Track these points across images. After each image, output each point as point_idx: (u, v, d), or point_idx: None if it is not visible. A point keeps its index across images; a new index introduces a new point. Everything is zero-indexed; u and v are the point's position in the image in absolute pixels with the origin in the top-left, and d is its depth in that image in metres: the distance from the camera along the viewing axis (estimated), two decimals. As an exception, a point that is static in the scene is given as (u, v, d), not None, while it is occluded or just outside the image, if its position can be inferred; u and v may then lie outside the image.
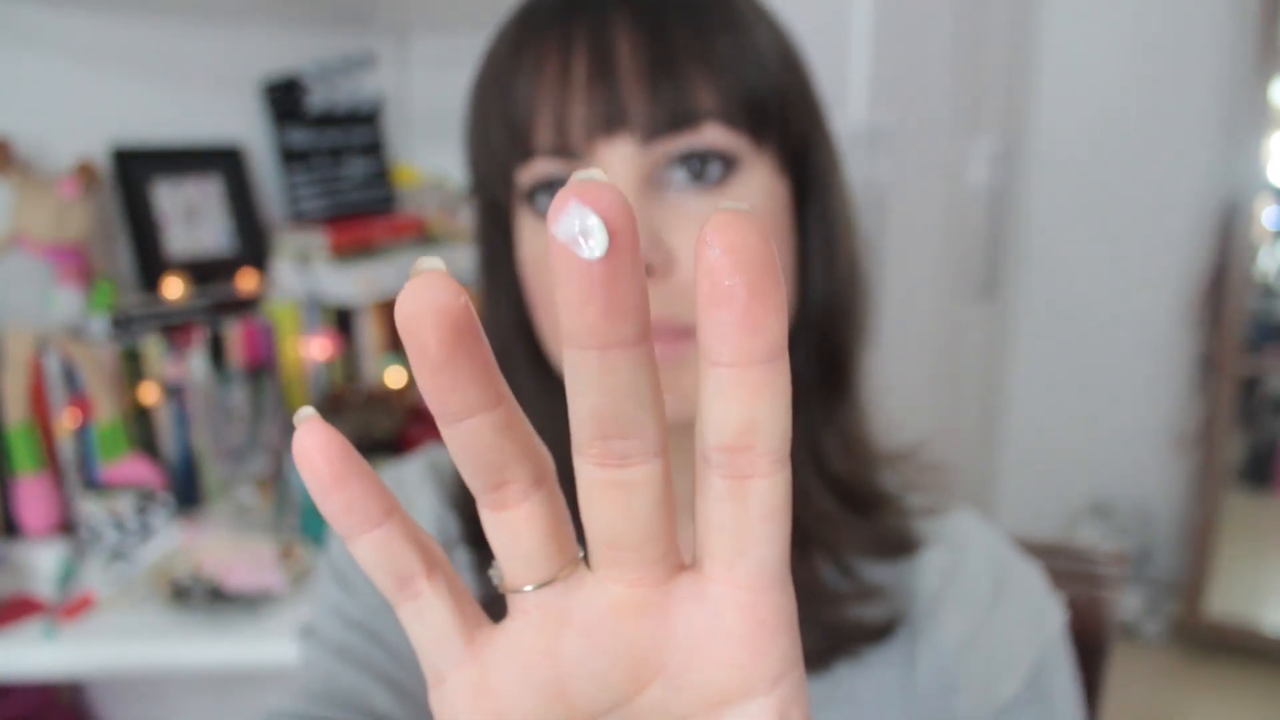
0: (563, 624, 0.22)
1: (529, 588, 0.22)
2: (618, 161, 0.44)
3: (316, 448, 0.20)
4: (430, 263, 0.18)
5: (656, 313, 0.44)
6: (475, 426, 0.19)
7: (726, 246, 0.17)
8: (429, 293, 0.18)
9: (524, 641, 0.22)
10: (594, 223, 0.17)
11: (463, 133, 0.52)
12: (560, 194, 0.17)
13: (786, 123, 0.48)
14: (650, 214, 0.45)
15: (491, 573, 0.23)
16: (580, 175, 0.17)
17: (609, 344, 0.18)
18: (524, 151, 0.46)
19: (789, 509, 0.20)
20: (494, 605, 0.25)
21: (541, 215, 0.47)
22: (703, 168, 0.45)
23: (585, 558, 0.23)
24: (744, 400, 0.18)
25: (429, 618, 0.23)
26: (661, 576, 0.22)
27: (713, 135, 0.45)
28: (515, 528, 0.22)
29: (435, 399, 0.19)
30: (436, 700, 0.23)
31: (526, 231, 0.48)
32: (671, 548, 0.22)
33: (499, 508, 0.21)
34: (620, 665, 0.22)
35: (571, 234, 0.17)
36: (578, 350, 0.18)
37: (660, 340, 0.45)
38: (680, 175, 0.45)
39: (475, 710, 0.23)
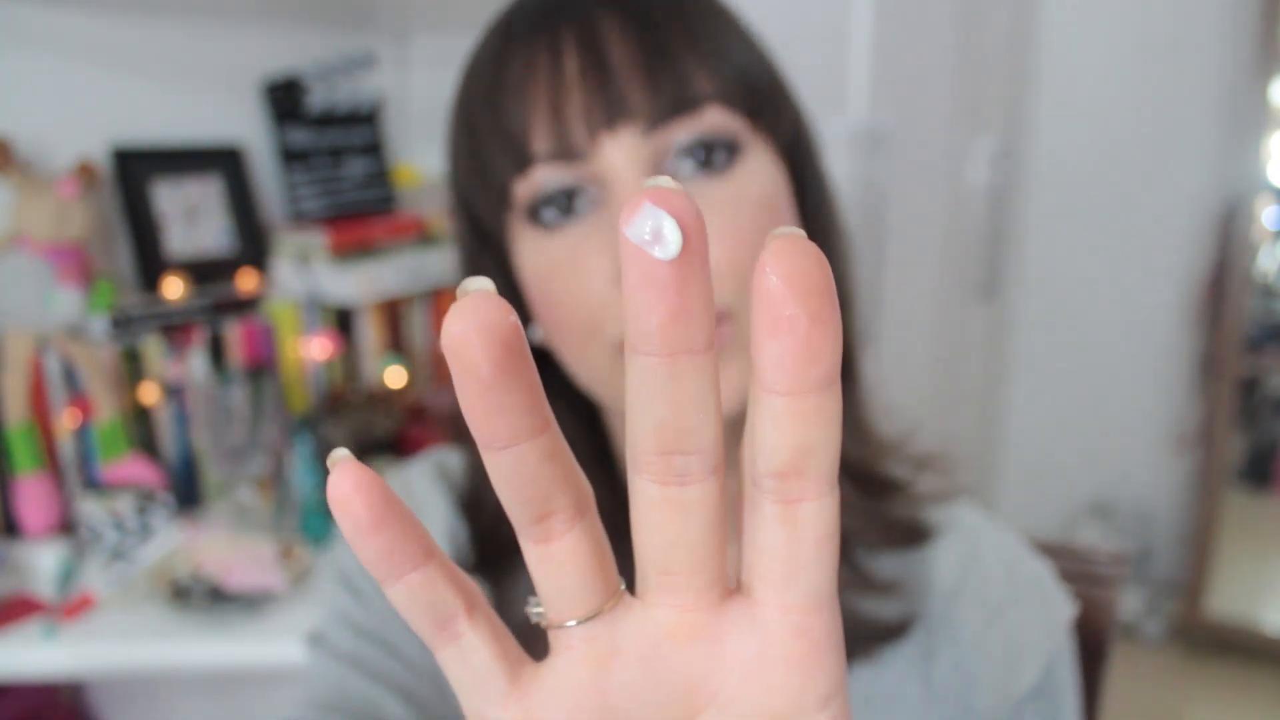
0: (611, 657, 0.22)
1: (573, 622, 0.21)
2: (622, 154, 0.44)
3: (355, 490, 0.19)
4: (478, 283, 0.18)
5: None
6: (522, 453, 0.19)
7: (786, 275, 0.17)
8: (478, 312, 0.17)
9: (571, 678, 0.22)
10: (668, 224, 0.17)
11: (446, 154, 0.50)
12: (633, 197, 0.17)
13: (779, 107, 0.48)
14: None
15: (531, 610, 0.23)
16: (651, 181, 0.17)
17: (677, 350, 0.18)
18: (522, 161, 0.45)
19: (838, 532, 0.20)
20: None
21: (545, 228, 0.46)
22: (708, 155, 0.45)
23: (626, 588, 0.22)
24: (798, 427, 0.18)
25: (471, 660, 0.22)
26: (712, 601, 0.21)
27: (714, 118, 0.45)
28: (560, 560, 0.21)
29: (482, 424, 0.18)
30: None
31: (528, 248, 0.47)
32: (722, 572, 0.21)
33: (543, 540, 0.21)
34: (672, 695, 0.21)
35: (643, 235, 0.17)
36: (644, 357, 0.18)
37: None
38: (687, 165, 0.45)
39: None
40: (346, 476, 0.19)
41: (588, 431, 0.53)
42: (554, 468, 0.20)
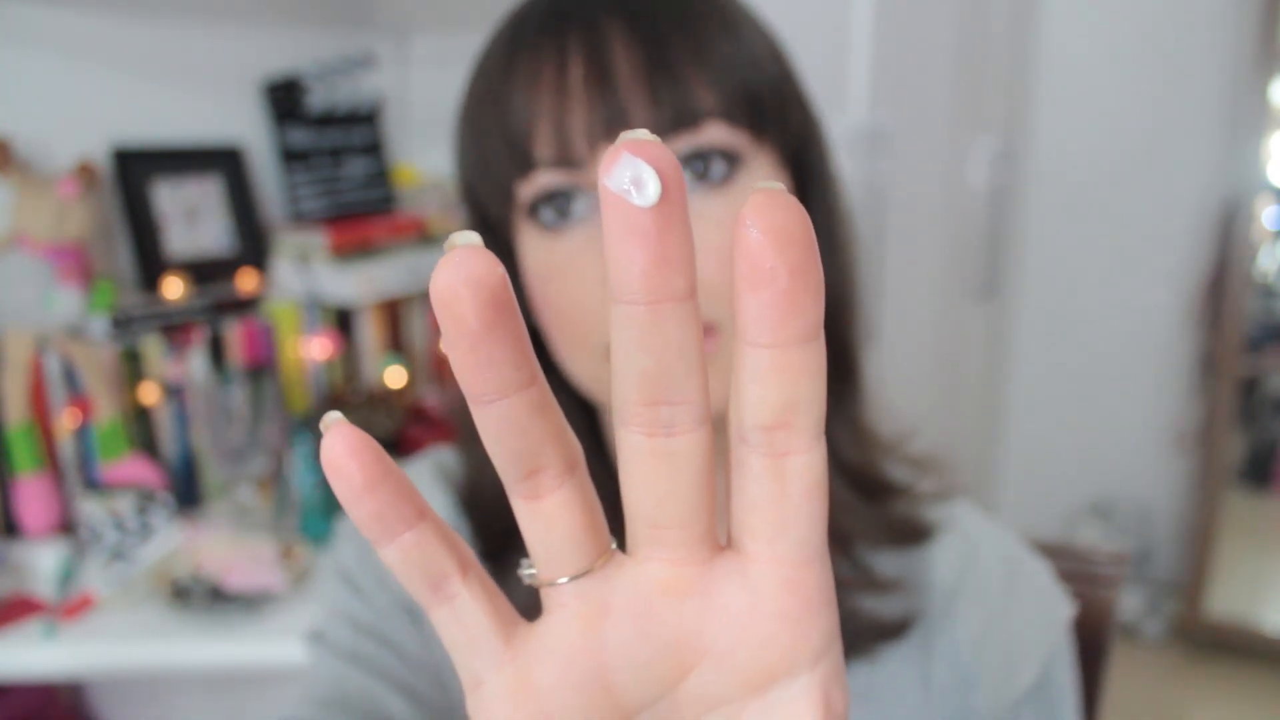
0: (603, 614, 0.22)
1: (564, 579, 0.22)
2: None
3: (348, 452, 0.19)
4: (465, 237, 0.18)
5: None
6: (510, 407, 0.19)
7: (766, 228, 0.17)
8: (465, 265, 0.17)
9: (564, 636, 0.22)
10: (647, 172, 0.17)
11: (454, 147, 0.51)
12: (611, 149, 0.17)
13: (785, 118, 0.48)
14: None
15: (523, 571, 0.23)
16: (627, 134, 0.17)
17: (659, 297, 0.18)
18: (525, 164, 0.46)
19: (826, 484, 0.20)
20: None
21: (545, 228, 0.47)
22: (706, 167, 0.45)
23: (617, 546, 0.22)
24: (783, 381, 0.18)
25: (465, 619, 0.22)
26: (704, 556, 0.21)
27: (714, 133, 0.45)
28: (550, 517, 0.21)
29: (471, 376, 0.18)
30: (474, 704, 0.23)
31: (530, 245, 0.48)
32: (712, 526, 0.21)
33: (533, 497, 0.21)
34: (665, 649, 0.22)
35: (623, 183, 0.17)
36: (627, 305, 0.18)
37: None
38: (685, 176, 0.45)
39: (516, 712, 0.22)
40: (340, 439, 0.19)
41: (588, 431, 0.53)
42: (543, 422, 0.20)
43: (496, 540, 0.53)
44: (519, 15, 0.48)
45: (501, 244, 0.51)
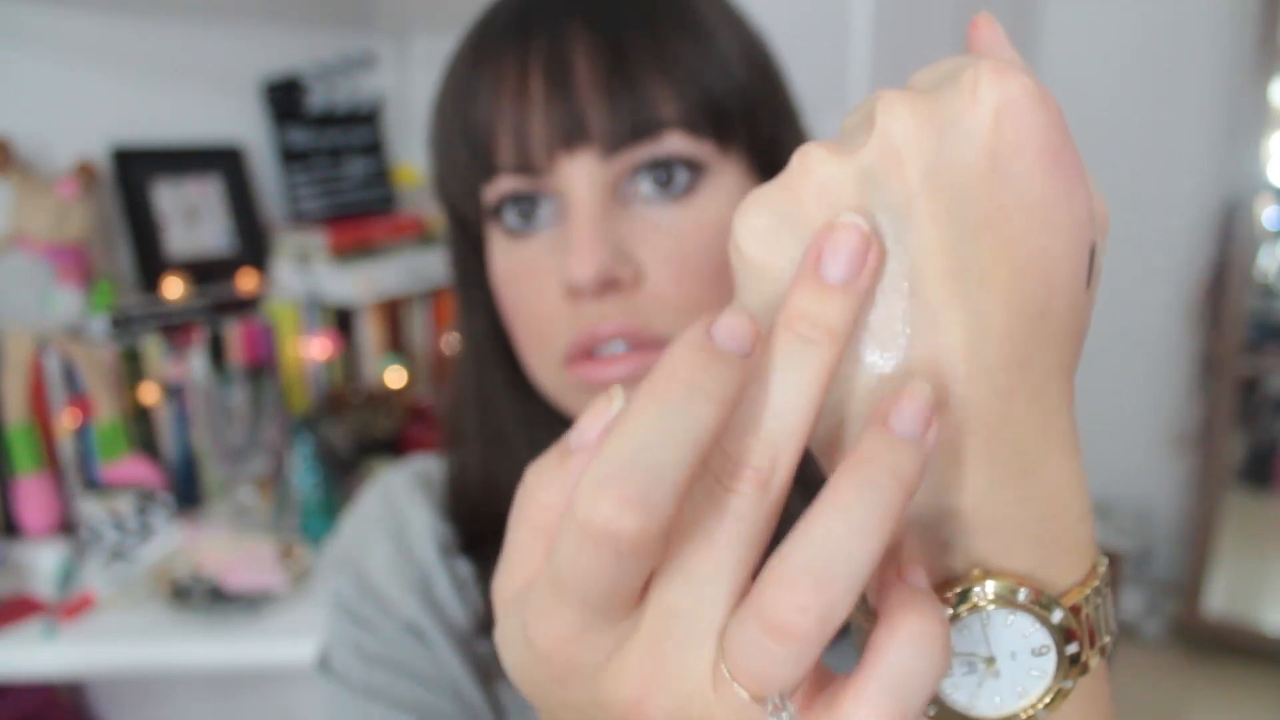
0: None
1: None
2: (579, 175, 0.44)
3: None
4: None
5: (627, 324, 0.44)
6: None
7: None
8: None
9: None
10: None
11: (428, 147, 0.51)
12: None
13: (753, 126, 0.47)
14: (616, 227, 0.44)
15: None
16: None
17: None
18: (487, 169, 0.46)
19: None
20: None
21: (510, 232, 0.47)
22: (669, 177, 0.45)
23: None
24: None
25: None
26: None
27: (675, 144, 0.44)
28: None
29: None
30: None
31: (496, 248, 0.48)
32: None
33: None
34: None
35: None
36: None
37: (636, 353, 0.45)
38: (646, 185, 0.45)
39: None
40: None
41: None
42: None
43: (477, 539, 0.54)
44: (488, 15, 0.48)
45: (474, 242, 0.51)
